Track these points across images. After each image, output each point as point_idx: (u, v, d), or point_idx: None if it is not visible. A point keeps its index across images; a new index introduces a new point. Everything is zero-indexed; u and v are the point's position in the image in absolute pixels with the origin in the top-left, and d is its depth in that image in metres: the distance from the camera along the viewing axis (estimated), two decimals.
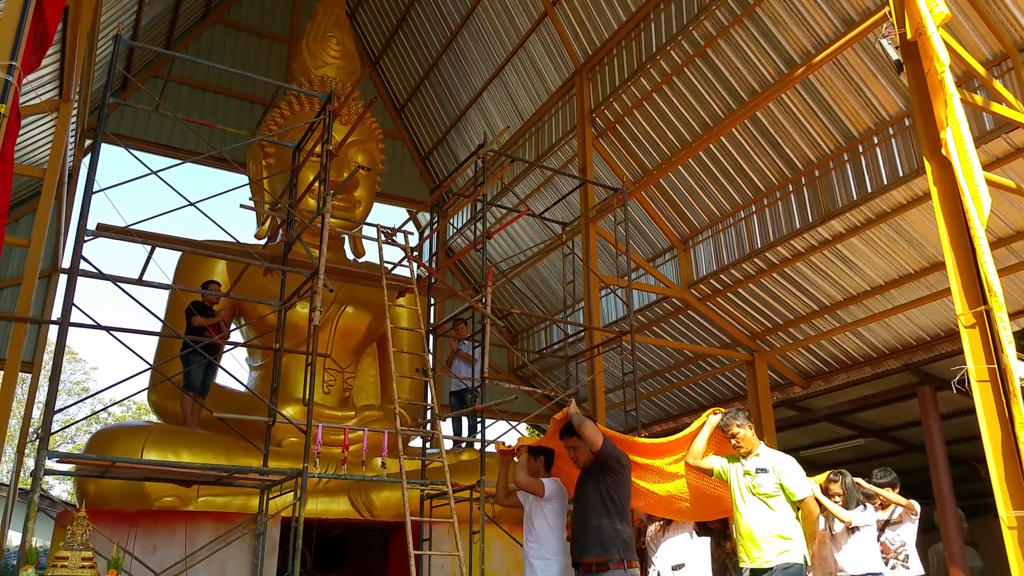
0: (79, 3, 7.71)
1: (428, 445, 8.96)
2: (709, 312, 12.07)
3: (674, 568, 6.09)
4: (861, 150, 9.56)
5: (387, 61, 16.23)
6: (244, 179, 12.22)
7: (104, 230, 6.96)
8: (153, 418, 10.44)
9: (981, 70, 6.49)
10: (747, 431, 5.13)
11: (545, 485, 5.16)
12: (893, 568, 6.49)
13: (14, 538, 13.14)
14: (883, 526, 6.64)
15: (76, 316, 6.18)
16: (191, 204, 6.90)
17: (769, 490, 4.88)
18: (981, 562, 13.16)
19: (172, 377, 8.15)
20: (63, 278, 12.20)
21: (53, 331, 12.97)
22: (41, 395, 14.44)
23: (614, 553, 4.62)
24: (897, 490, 6.71)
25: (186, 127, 13.58)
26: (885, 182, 9.20)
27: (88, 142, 12.42)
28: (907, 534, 6.61)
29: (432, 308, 10.47)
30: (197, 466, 7.18)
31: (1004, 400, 4.68)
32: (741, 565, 4.94)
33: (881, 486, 6.70)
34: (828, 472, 6.48)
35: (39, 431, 5.99)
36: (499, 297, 15.27)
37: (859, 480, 6.63)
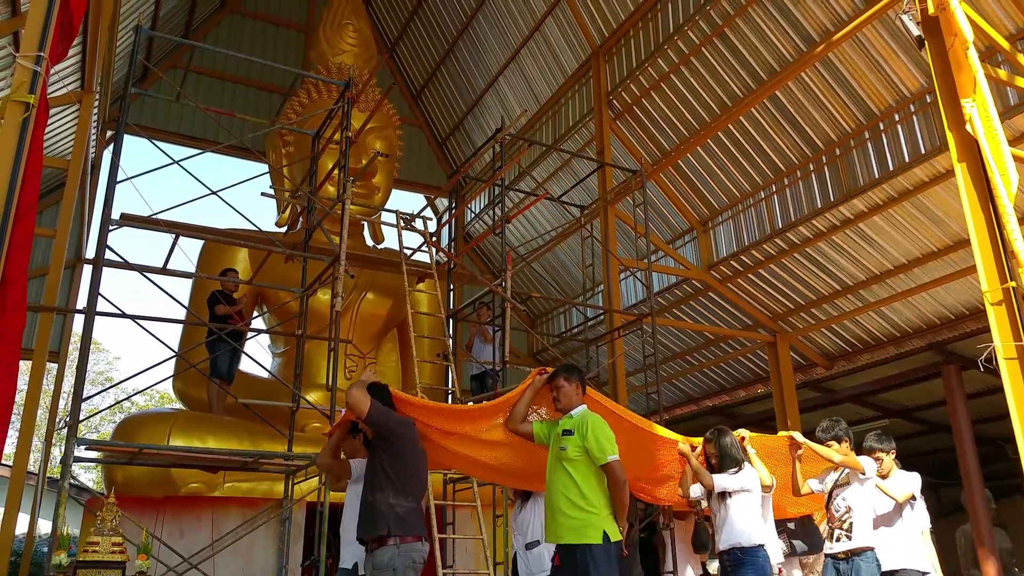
0: None
1: None
2: (730, 294, 12.02)
3: (528, 546, 5.53)
4: (882, 128, 9.46)
5: (403, 47, 16.22)
6: (264, 167, 12.29)
7: (128, 219, 7.02)
8: (178, 406, 10.55)
9: (1005, 44, 6.40)
10: (572, 387, 4.54)
11: (353, 466, 4.79)
12: (838, 540, 5.44)
13: (41, 526, 13.35)
14: (831, 490, 5.66)
15: (101, 305, 6.26)
16: (213, 193, 6.95)
17: (572, 454, 4.31)
18: (1010, 543, 13.06)
19: (198, 364, 8.23)
20: (87, 268, 12.35)
21: (78, 321, 13.13)
22: (66, 385, 14.65)
23: (383, 529, 4.15)
24: (846, 444, 5.62)
25: (204, 117, 13.66)
26: (907, 160, 9.10)
27: (109, 133, 12.52)
28: (854, 498, 5.47)
29: (451, 293, 10.51)
30: (223, 452, 7.27)
31: None
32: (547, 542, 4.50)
33: (821, 442, 5.63)
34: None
35: (67, 419, 6.09)
36: (518, 281, 15.27)
37: (793, 434, 5.80)
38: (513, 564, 5.63)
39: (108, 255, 6.37)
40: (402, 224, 9.45)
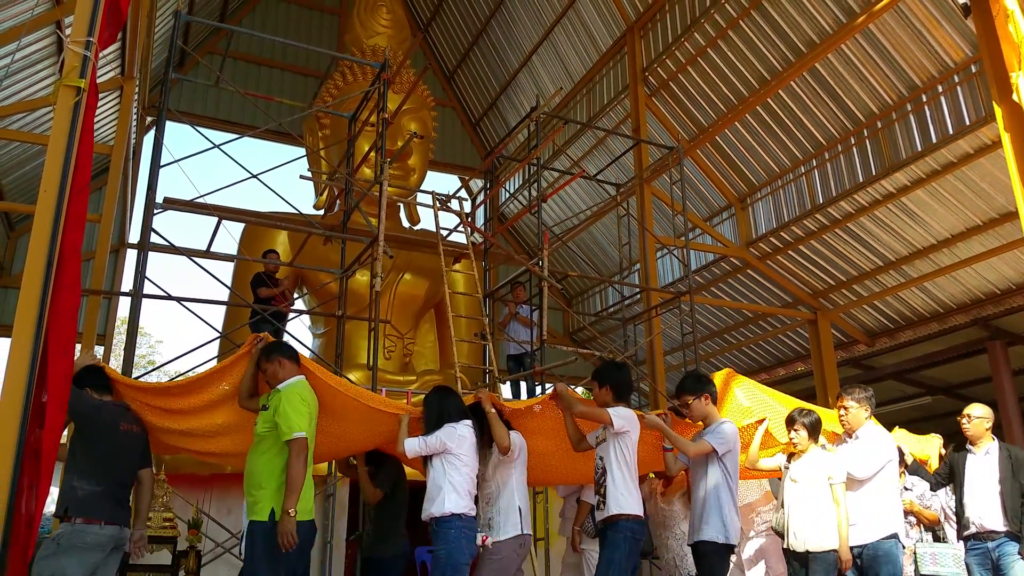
0: None
1: None
2: (769, 271, 11.90)
3: None
4: (925, 99, 9.27)
5: (436, 28, 16.21)
6: (301, 151, 12.39)
7: (171, 203, 7.13)
8: None
9: None
10: (274, 366, 4.40)
11: None
12: (597, 507, 4.76)
13: None
14: (597, 447, 4.95)
15: (147, 288, 6.37)
16: (254, 176, 7.03)
17: (260, 430, 4.27)
18: None
19: (241, 345, 8.34)
20: (130, 252, 12.59)
21: (123, 305, 13.39)
22: (111, 367, 14.94)
23: (61, 510, 4.14)
24: (606, 392, 4.82)
25: (241, 101, 13.81)
26: (951, 131, 8.92)
27: (149, 119, 12.71)
28: (608, 457, 4.66)
29: (487, 273, 10.54)
30: None
31: None
32: None
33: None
34: None
35: None
36: (554, 260, 15.26)
37: (556, 385, 5.09)
38: None
39: (153, 238, 6.48)
40: (438, 205, 9.48)
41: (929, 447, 6.24)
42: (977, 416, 5.73)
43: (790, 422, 5.15)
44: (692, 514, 4.84)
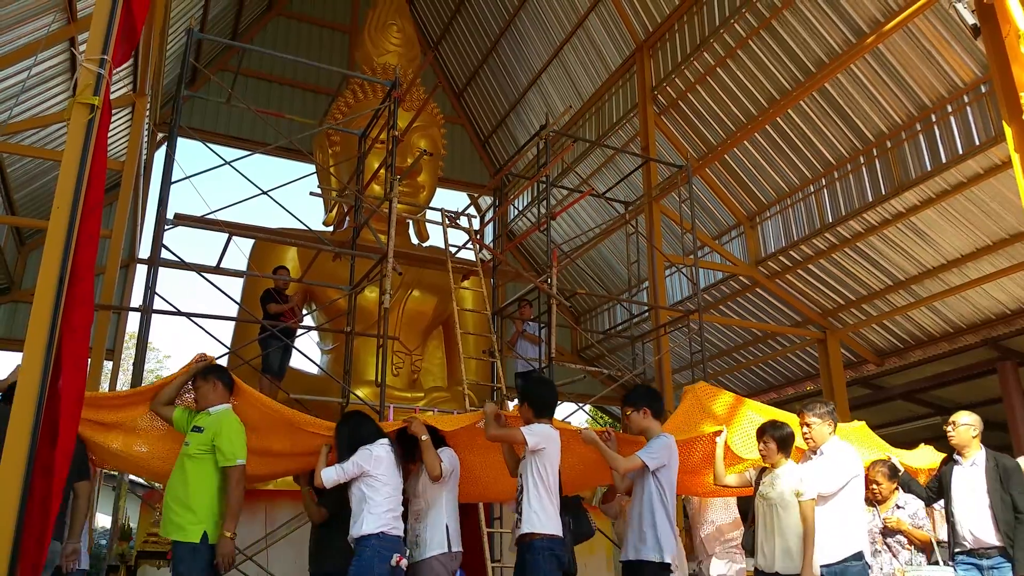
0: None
1: None
2: (778, 290, 11.88)
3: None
4: (934, 119, 9.27)
5: (446, 46, 16.31)
6: (311, 167, 12.44)
7: (182, 219, 7.17)
8: None
9: None
10: (208, 386, 4.46)
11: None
12: (516, 525, 4.60)
13: (98, 520, 13.67)
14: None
15: (156, 304, 6.40)
16: (264, 192, 7.07)
17: (193, 451, 4.30)
18: None
19: (250, 361, 8.37)
20: (140, 268, 12.64)
21: (132, 321, 13.42)
22: (118, 384, 14.99)
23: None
24: (526, 408, 4.69)
25: (252, 118, 13.90)
26: (960, 151, 8.91)
27: (160, 135, 12.80)
28: (525, 474, 4.55)
29: (496, 290, 10.54)
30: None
31: None
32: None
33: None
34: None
35: None
36: (562, 278, 15.24)
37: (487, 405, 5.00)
38: None
39: (164, 254, 6.51)
40: (447, 222, 9.51)
41: None
42: (963, 423, 5.45)
43: (760, 434, 4.96)
44: (627, 531, 4.68)
